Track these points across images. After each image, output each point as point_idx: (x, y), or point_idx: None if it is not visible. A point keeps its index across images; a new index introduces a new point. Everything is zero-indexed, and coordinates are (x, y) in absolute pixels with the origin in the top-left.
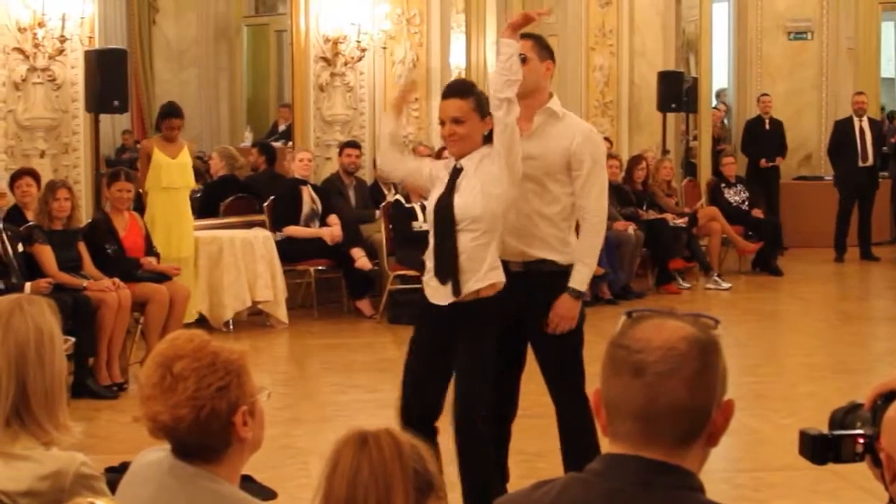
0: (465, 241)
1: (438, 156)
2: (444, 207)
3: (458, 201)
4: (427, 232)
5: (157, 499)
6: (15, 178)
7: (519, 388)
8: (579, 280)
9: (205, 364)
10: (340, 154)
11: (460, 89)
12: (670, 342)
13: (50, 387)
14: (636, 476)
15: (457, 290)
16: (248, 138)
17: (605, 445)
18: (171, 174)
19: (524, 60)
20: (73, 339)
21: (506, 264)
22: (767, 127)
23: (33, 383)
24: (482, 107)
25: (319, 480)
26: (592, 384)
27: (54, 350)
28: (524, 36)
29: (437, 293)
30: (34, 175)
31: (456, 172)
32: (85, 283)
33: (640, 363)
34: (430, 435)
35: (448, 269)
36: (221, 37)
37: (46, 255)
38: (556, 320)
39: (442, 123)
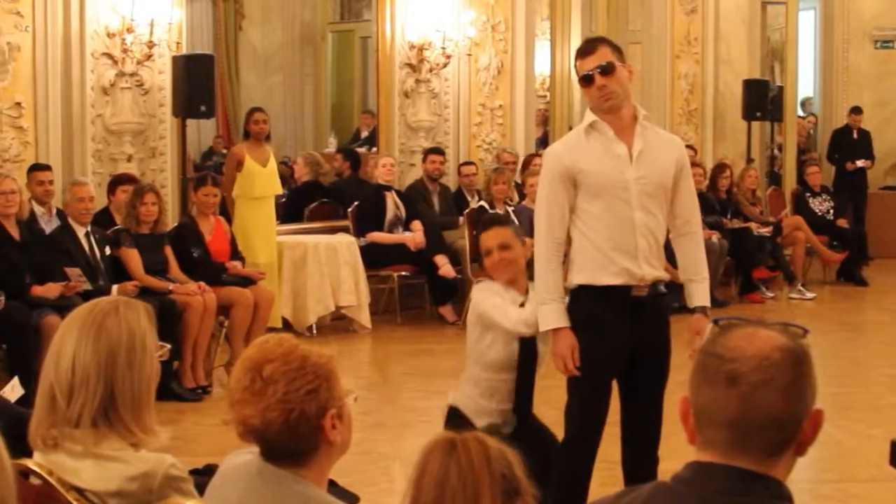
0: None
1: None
2: (531, 347)
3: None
4: None
5: (245, 500)
6: (118, 184)
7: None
8: (707, 296)
9: (294, 367)
10: (424, 160)
11: (499, 219)
12: (764, 352)
13: (138, 391)
14: (726, 485)
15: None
16: (332, 144)
17: (690, 454)
18: (263, 182)
19: (611, 69)
20: (168, 346)
21: (625, 290)
22: (855, 136)
23: (121, 386)
24: (520, 234)
25: (407, 484)
26: (674, 393)
27: (145, 355)
28: (599, 41)
29: None
30: (135, 182)
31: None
32: (171, 286)
33: (733, 372)
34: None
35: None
36: (307, 43)
37: (133, 258)
38: (698, 340)
39: (488, 254)
